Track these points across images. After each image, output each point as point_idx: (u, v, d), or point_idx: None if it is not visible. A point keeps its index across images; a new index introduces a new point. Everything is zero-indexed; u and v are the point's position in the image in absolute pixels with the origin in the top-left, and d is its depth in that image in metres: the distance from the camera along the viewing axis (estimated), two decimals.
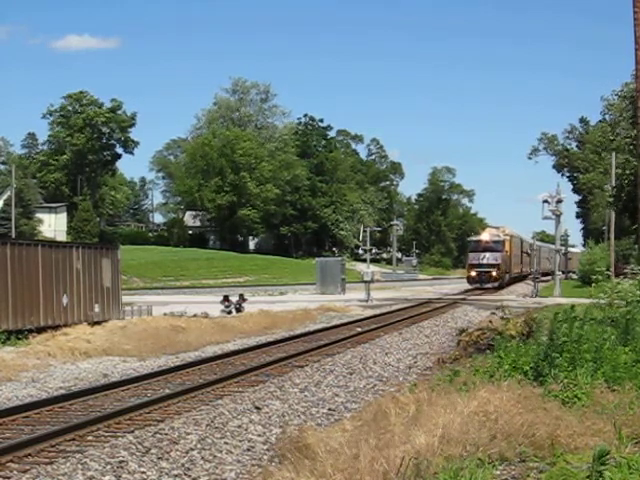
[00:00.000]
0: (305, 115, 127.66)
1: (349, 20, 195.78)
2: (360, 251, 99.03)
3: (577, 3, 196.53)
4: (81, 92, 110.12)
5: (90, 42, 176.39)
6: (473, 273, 64.50)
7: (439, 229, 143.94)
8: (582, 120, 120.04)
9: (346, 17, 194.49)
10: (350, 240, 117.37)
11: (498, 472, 8.07)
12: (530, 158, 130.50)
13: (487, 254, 64.01)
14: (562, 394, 10.74)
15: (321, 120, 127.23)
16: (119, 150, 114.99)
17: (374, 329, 27.92)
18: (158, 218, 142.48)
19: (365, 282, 49.75)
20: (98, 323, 27.14)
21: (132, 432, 11.51)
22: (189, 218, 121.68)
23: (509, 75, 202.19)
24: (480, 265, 63.95)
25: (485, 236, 67.45)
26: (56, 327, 24.84)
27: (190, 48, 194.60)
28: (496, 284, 63.33)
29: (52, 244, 32.15)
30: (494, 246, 65.05)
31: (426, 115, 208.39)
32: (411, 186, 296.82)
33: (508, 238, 68.48)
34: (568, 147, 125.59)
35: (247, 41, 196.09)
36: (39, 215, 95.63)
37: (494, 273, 63.53)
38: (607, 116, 48.86)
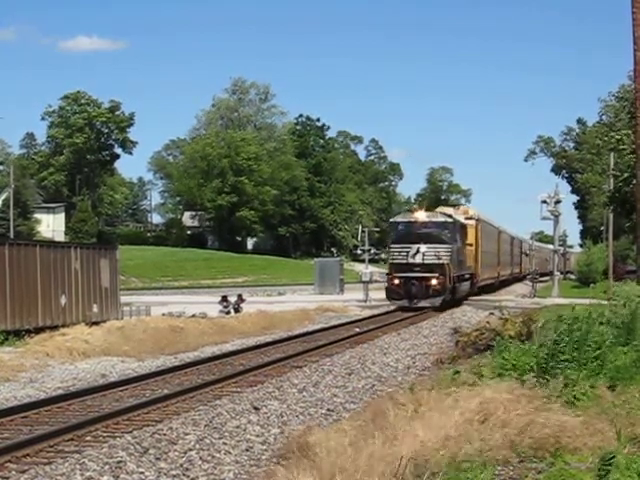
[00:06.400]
0: (301, 115, 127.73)
1: (349, 20, 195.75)
2: (358, 251, 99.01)
3: (575, 4, 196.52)
4: (78, 92, 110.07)
5: (96, 44, 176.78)
6: (396, 281, 37.49)
7: None
8: (579, 121, 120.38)
9: (346, 17, 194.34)
10: (349, 240, 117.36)
11: (497, 472, 8.07)
12: (527, 161, 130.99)
13: (423, 247, 37.37)
14: (563, 394, 10.74)
15: (317, 119, 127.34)
16: (118, 150, 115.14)
17: (372, 329, 27.90)
18: (157, 218, 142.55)
19: (363, 282, 49.69)
20: (96, 323, 27.07)
21: (130, 432, 11.48)
22: (187, 218, 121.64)
23: (508, 75, 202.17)
24: (409, 267, 37.24)
25: (421, 216, 39.01)
26: (54, 327, 24.78)
27: (189, 48, 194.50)
28: (437, 301, 36.85)
29: (50, 244, 32.18)
30: (437, 233, 38.00)
31: (426, 115, 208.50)
32: (410, 186, 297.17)
33: (472, 223, 45.11)
34: (566, 148, 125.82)
35: (246, 41, 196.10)
36: (37, 215, 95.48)
37: (434, 281, 36.88)
38: (604, 117, 48.94)
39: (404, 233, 38.57)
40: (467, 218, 45.23)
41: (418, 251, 37.44)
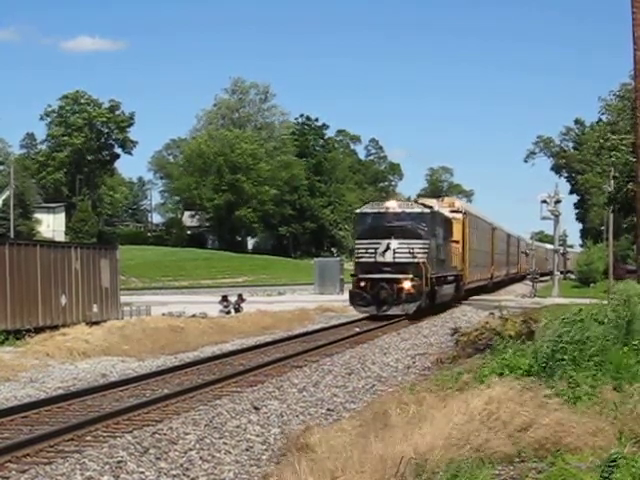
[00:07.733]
0: (301, 115, 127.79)
1: (349, 20, 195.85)
2: None
3: (575, 4, 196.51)
4: (77, 92, 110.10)
5: (97, 44, 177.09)
6: (362, 283, 31.36)
7: None
8: (577, 121, 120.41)
9: (346, 17, 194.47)
10: (349, 240, 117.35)
11: (497, 472, 8.06)
12: (526, 161, 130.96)
13: (394, 243, 31.07)
14: (563, 394, 10.73)
15: (316, 119, 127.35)
16: (118, 150, 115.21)
17: (372, 329, 27.85)
18: (157, 218, 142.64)
19: None
20: (96, 323, 27.06)
21: (131, 432, 11.47)
22: (187, 218, 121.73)
23: (508, 75, 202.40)
24: (377, 266, 31.13)
25: (392, 205, 32.59)
26: (54, 327, 24.77)
27: (189, 48, 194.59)
28: (411, 308, 30.77)
29: (50, 244, 32.18)
30: (412, 226, 31.64)
31: (426, 115, 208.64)
32: (410, 186, 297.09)
33: (459, 217, 39.76)
34: (565, 148, 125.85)
35: (246, 41, 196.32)
36: (38, 215, 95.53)
37: (407, 284, 30.73)
38: (605, 116, 48.98)
39: (372, 226, 32.02)
40: (453, 211, 39.62)
41: (388, 248, 31.09)
